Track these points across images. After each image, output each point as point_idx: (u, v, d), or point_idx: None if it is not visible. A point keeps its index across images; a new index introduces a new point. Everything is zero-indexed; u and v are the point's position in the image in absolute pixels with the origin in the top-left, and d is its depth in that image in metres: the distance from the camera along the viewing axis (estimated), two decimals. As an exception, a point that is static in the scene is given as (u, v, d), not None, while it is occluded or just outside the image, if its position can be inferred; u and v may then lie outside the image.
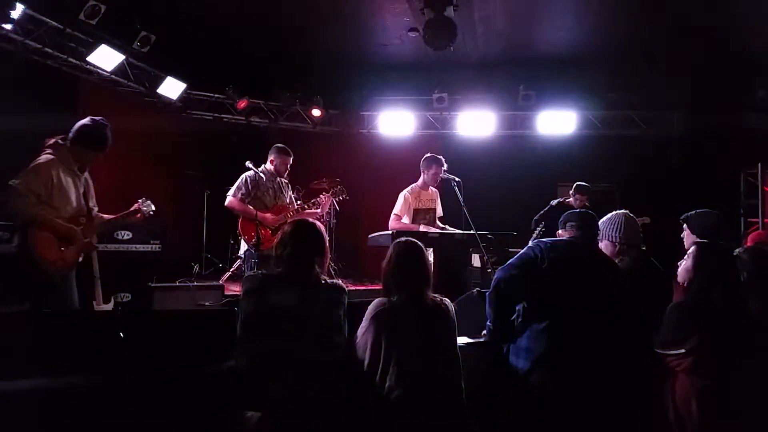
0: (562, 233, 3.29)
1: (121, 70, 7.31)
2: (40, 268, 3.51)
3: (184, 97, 8.41)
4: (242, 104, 8.83)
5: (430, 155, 5.63)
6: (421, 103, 9.34)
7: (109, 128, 3.80)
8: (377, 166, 9.05)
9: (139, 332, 2.72)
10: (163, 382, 2.54)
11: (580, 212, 3.36)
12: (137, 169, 7.57)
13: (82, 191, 3.80)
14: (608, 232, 3.43)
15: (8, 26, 5.80)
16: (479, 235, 4.72)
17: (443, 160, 5.54)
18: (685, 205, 3.98)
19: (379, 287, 2.91)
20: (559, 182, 7.99)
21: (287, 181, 5.62)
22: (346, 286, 2.87)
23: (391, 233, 4.82)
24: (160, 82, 7.88)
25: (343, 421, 2.56)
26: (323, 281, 2.77)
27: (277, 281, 2.71)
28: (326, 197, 5.56)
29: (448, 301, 2.82)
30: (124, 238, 5.39)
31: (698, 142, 8.31)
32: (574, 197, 6.63)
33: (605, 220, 3.50)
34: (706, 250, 2.93)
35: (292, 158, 5.49)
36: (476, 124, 9.11)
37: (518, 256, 3.04)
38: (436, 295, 2.81)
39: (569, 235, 3.21)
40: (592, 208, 6.33)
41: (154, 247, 5.70)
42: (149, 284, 5.41)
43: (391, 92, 9.31)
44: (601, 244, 3.46)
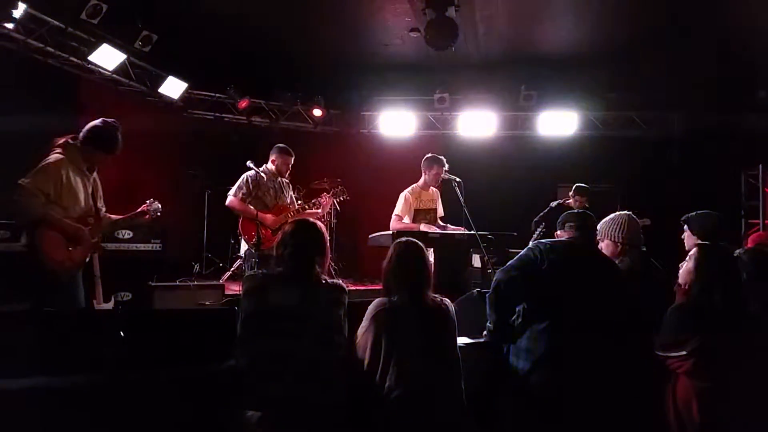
0: (560, 234, 3.30)
1: (122, 69, 7.31)
2: (47, 267, 3.50)
3: (185, 96, 8.41)
4: (243, 104, 8.84)
5: (431, 155, 5.63)
6: (422, 103, 9.34)
7: (119, 130, 3.81)
8: (378, 166, 9.05)
9: (139, 331, 2.72)
10: (163, 381, 2.54)
11: (578, 213, 3.37)
12: (138, 168, 7.57)
13: (90, 191, 3.80)
14: (610, 231, 3.44)
15: (10, 25, 5.81)
16: (480, 235, 4.73)
17: (444, 160, 5.54)
18: (685, 206, 3.99)
19: (379, 287, 2.91)
20: (559, 183, 7.99)
21: (288, 181, 5.62)
22: (346, 286, 2.87)
23: (391, 233, 4.83)
24: (161, 81, 7.88)
25: (343, 420, 2.56)
26: (324, 281, 2.77)
27: (277, 281, 2.71)
28: (327, 197, 5.56)
29: (448, 301, 2.82)
30: (124, 237, 5.40)
31: (699, 142, 8.31)
32: (573, 198, 6.64)
33: (607, 220, 3.51)
34: (707, 251, 2.93)
35: (293, 158, 5.49)
36: (477, 124, 9.11)
37: (518, 257, 3.04)
38: (436, 295, 2.81)
39: (568, 235, 3.22)
40: (591, 209, 6.37)
41: (154, 246, 5.72)
42: (150, 283, 5.42)
43: (392, 92, 9.31)
44: (602, 244, 3.46)
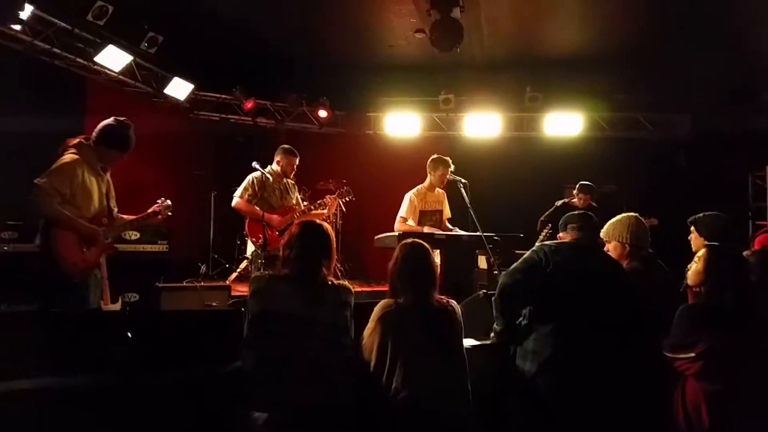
0: (563, 236, 3.29)
1: (128, 70, 7.33)
2: (60, 268, 3.50)
3: (191, 97, 8.43)
4: (249, 105, 8.85)
5: (436, 156, 5.63)
6: (427, 104, 9.33)
7: (132, 128, 3.82)
8: (383, 167, 9.04)
9: (146, 332, 2.72)
10: (169, 382, 2.55)
11: (579, 213, 3.36)
12: (144, 169, 7.60)
13: (104, 191, 3.81)
14: (617, 233, 3.42)
15: (17, 27, 5.84)
16: (486, 236, 4.72)
17: (450, 161, 5.54)
18: (692, 207, 3.97)
19: (385, 288, 2.91)
20: (565, 184, 7.97)
21: (294, 182, 5.63)
22: (352, 287, 2.87)
23: (397, 234, 4.82)
24: (167, 82, 7.90)
25: (349, 422, 2.55)
26: (330, 282, 2.77)
27: (284, 282, 2.71)
28: (332, 198, 5.57)
29: (454, 302, 2.82)
30: (131, 238, 5.42)
31: (705, 144, 8.27)
32: (577, 197, 6.61)
33: (614, 221, 3.50)
34: (716, 252, 2.92)
35: (298, 159, 5.50)
36: (483, 125, 9.09)
37: (522, 260, 3.04)
38: (442, 296, 2.80)
39: (571, 237, 3.21)
40: (598, 207, 6.35)
41: (161, 247, 5.74)
42: (157, 284, 5.44)
43: (397, 93, 9.31)
44: (609, 245, 3.45)
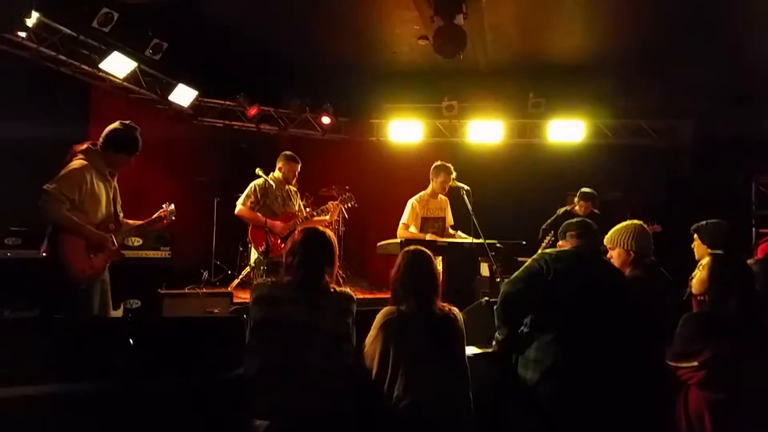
0: (563, 244, 3.28)
1: (133, 77, 7.36)
2: (68, 274, 3.50)
3: (195, 104, 8.46)
4: (252, 111, 8.87)
5: (439, 163, 5.64)
6: (430, 110, 9.33)
7: (139, 131, 3.84)
8: (386, 173, 9.05)
9: (148, 339, 2.72)
10: (172, 389, 2.55)
11: (577, 221, 3.36)
12: (147, 175, 7.62)
13: (111, 197, 3.82)
14: (622, 240, 3.41)
15: (23, 34, 5.87)
16: (488, 243, 4.72)
17: (452, 168, 5.55)
18: (695, 215, 3.96)
19: (387, 296, 2.91)
20: (568, 191, 7.95)
21: (296, 188, 5.64)
22: (354, 294, 2.87)
23: (400, 242, 4.82)
24: (171, 89, 7.93)
25: (350, 430, 2.55)
26: (332, 289, 2.77)
27: (286, 289, 2.71)
28: (334, 204, 5.58)
29: (456, 310, 2.82)
30: (134, 244, 5.42)
31: (709, 151, 8.25)
32: (578, 205, 6.60)
33: (619, 228, 3.49)
34: (720, 261, 2.92)
35: (300, 165, 5.51)
36: (486, 132, 9.08)
37: (524, 268, 3.03)
38: (444, 304, 2.80)
39: (571, 244, 3.20)
40: (600, 215, 6.34)
41: (164, 253, 5.74)
42: (159, 291, 5.44)
43: (400, 100, 9.32)
44: (613, 252, 3.45)
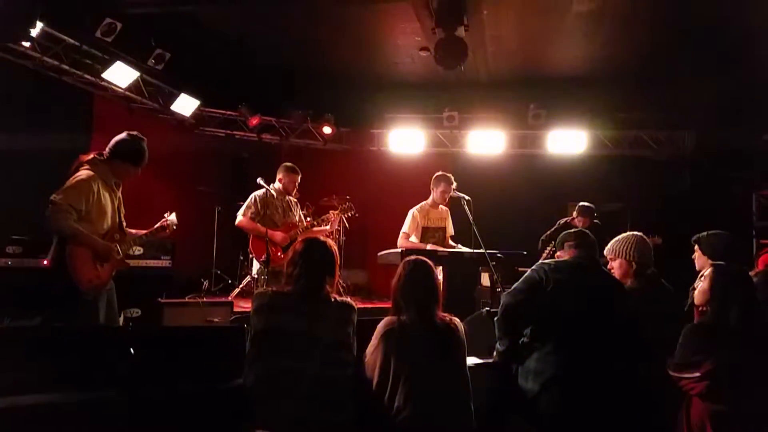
0: (561, 254, 3.28)
1: (135, 86, 7.41)
2: (75, 285, 3.50)
3: (197, 113, 8.49)
4: (254, 121, 8.90)
5: (439, 173, 5.65)
6: (431, 121, 9.36)
7: (145, 142, 3.86)
8: (387, 183, 9.06)
9: (148, 348, 2.72)
10: (172, 398, 2.54)
11: (575, 231, 3.37)
12: (149, 184, 7.64)
13: (116, 207, 3.83)
14: (624, 250, 3.42)
15: (27, 43, 5.91)
16: (489, 254, 4.72)
17: (452, 178, 5.56)
18: (696, 226, 3.96)
19: (388, 305, 2.91)
20: (569, 202, 7.97)
21: (296, 198, 5.65)
22: (355, 303, 2.87)
23: (400, 251, 4.82)
24: (173, 98, 7.96)
25: (351, 440, 2.54)
26: (333, 299, 2.77)
27: (287, 299, 2.71)
28: (334, 214, 5.59)
29: (457, 320, 2.81)
30: (134, 253, 5.41)
31: (710, 162, 8.27)
32: (577, 219, 6.59)
33: (620, 239, 3.50)
34: (722, 271, 2.92)
35: (299, 176, 5.52)
36: (486, 142, 9.10)
37: (523, 279, 3.04)
38: (445, 314, 2.80)
39: (569, 255, 3.20)
40: (601, 225, 6.33)
41: (164, 262, 5.73)
42: (159, 300, 5.43)
43: (401, 110, 9.35)
44: (614, 263, 3.45)
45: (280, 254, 5.13)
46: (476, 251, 4.90)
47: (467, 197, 5.17)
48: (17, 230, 5.29)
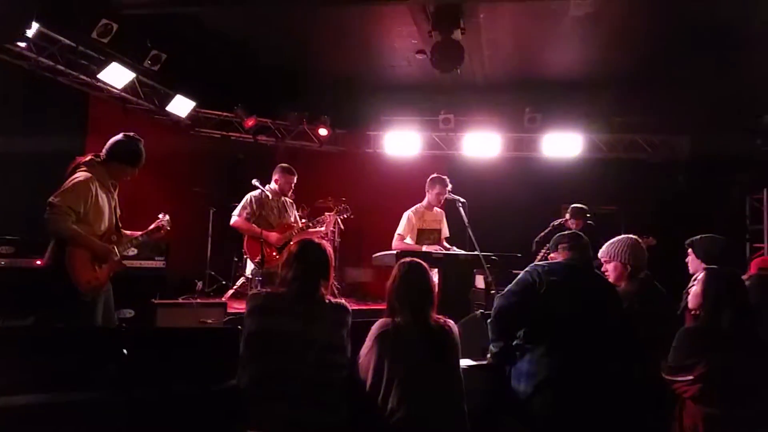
0: (555, 256, 3.29)
1: (131, 87, 7.39)
2: (73, 287, 3.49)
3: (192, 115, 8.48)
4: (250, 122, 8.89)
5: (434, 175, 5.66)
6: (427, 123, 9.38)
7: (142, 143, 3.86)
8: (383, 185, 9.06)
9: (142, 349, 2.71)
10: (165, 400, 2.53)
11: (569, 233, 3.37)
12: (144, 185, 7.62)
13: (113, 208, 3.82)
14: (618, 253, 3.43)
15: (22, 44, 5.89)
16: (484, 256, 4.72)
17: (447, 180, 5.56)
18: (690, 229, 3.98)
19: (383, 306, 2.91)
20: (564, 205, 7.98)
21: (292, 200, 5.65)
22: (349, 305, 2.87)
23: (395, 253, 4.83)
24: (169, 100, 7.95)
25: (344, 442, 2.54)
26: (327, 301, 2.77)
27: (281, 300, 2.70)
28: (330, 216, 5.59)
29: (452, 322, 2.81)
30: (128, 254, 5.39)
31: (704, 166, 8.31)
32: (569, 221, 6.60)
33: (615, 242, 3.50)
34: (715, 275, 2.93)
35: (296, 177, 5.52)
36: (482, 145, 9.13)
37: (516, 281, 3.03)
38: (440, 316, 2.80)
39: (563, 256, 3.21)
40: (593, 228, 6.34)
41: (158, 263, 5.72)
42: (152, 301, 5.41)
43: (397, 112, 9.36)
44: (609, 265, 3.46)
45: (275, 254, 5.13)
46: (471, 253, 4.90)
47: (462, 200, 5.18)
48: (9, 231, 5.28)
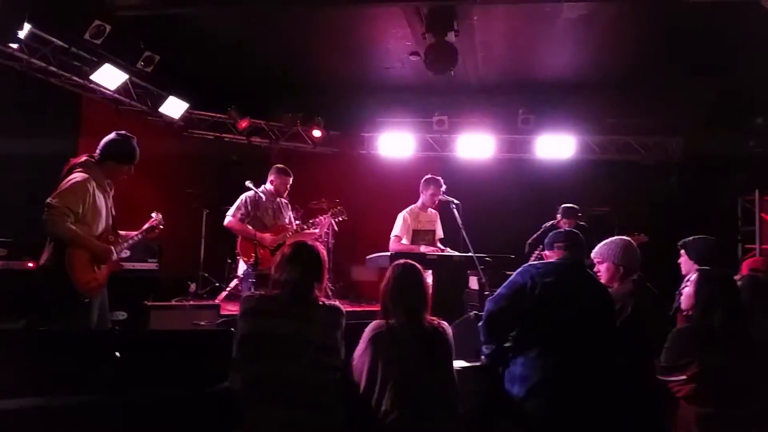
0: (549, 255, 3.28)
1: (124, 89, 7.36)
2: (73, 288, 3.47)
3: (185, 116, 8.46)
4: (243, 124, 8.86)
5: (429, 176, 5.67)
6: (421, 125, 9.39)
7: (135, 140, 3.86)
8: (377, 187, 9.05)
9: (135, 351, 2.70)
10: (158, 402, 2.52)
11: (564, 232, 3.37)
12: (136, 186, 7.59)
13: (109, 208, 3.81)
14: (611, 255, 3.43)
15: (14, 45, 5.86)
16: (477, 257, 4.73)
17: (441, 181, 5.57)
18: (682, 230, 4.00)
19: (376, 308, 2.91)
20: (557, 206, 8.00)
21: (287, 201, 5.64)
22: (343, 307, 2.87)
23: (389, 255, 4.83)
24: (162, 101, 7.92)
25: (338, 444, 2.54)
26: (321, 303, 2.76)
27: (274, 303, 2.70)
28: (324, 218, 5.59)
29: (446, 324, 2.81)
30: (121, 255, 5.37)
31: (696, 168, 8.35)
32: (562, 221, 6.61)
33: (608, 242, 3.51)
34: (707, 276, 2.95)
35: (291, 178, 5.52)
36: (476, 146, 9.14)
37: (507, 284, 3.02)
38: (434, 318, 2.80)
39: (557, 256, 3.20)
40: (585, 228, 6.36)
41: (151, 265, 5.69)
42: (145, 303, 5.38)
43: (391, 114, 9.35)
44: (601, 266, 3.46)
45: (269, 255, 5.11)
46: (465, 255, 4.91)
47: (456, 201, 5.19)
48: (2, 233, 5.24)
